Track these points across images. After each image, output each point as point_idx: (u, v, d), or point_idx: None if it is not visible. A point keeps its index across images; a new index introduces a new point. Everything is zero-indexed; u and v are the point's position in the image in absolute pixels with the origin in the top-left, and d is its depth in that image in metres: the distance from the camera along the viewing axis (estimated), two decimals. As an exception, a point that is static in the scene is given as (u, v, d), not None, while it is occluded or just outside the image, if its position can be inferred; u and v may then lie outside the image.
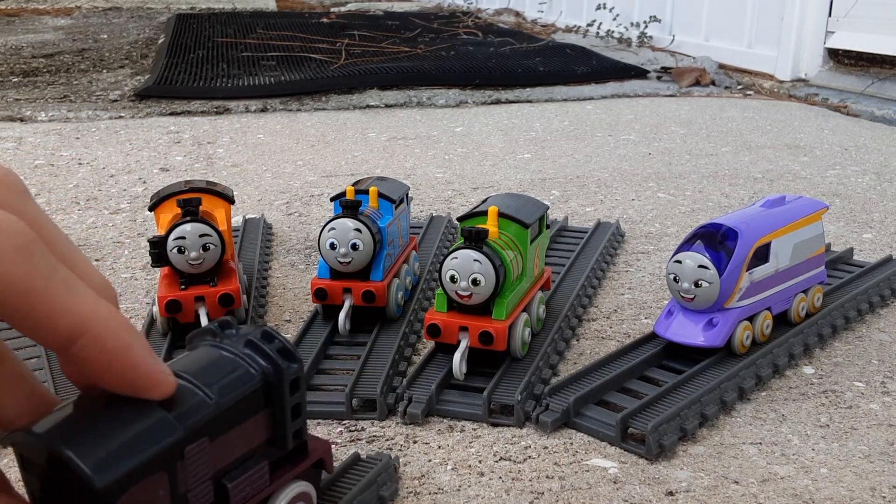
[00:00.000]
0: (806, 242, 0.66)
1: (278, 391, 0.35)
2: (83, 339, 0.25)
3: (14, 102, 1.74)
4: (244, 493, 0.35)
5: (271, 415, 0.35)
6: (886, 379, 0.62)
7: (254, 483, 0.35)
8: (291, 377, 0.35)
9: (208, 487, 0.33)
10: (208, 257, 0.64)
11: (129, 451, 0.29)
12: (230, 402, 0.33)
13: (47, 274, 0.24)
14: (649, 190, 1.12)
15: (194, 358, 0.34)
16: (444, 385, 0.59)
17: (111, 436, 0.28)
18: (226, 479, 0.34)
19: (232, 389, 0.33)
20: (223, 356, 0.34)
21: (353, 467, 0.47)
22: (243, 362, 0.34)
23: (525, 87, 1.92)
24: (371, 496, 0.46)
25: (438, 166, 1.25)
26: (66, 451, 0.27)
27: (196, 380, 0.32)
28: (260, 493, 0.36)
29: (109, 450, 0.28)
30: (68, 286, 0.25)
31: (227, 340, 0.35)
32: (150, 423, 0.30)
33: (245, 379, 0.34)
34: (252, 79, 1.92)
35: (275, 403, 0.35)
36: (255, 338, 0.35)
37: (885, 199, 1.09)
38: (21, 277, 0.24)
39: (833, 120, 1.62)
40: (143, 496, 0.29)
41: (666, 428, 0.53)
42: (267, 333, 0.35)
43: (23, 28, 3.13)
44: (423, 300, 0.74)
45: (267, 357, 0.35)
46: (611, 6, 2.65)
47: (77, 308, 0.25)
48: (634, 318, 0.73)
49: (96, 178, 1.18)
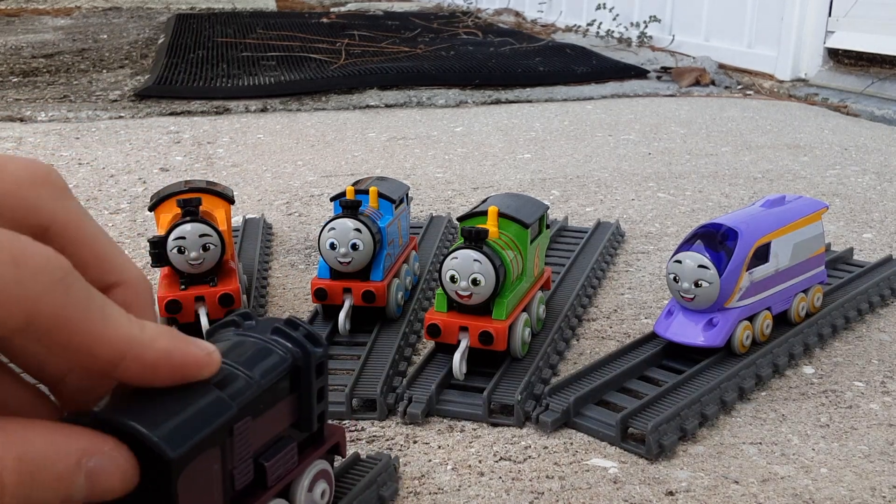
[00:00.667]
0: (806, 242, 0.66)
1: (306, 375, 0.37)
2: (124, 363, 0.26)
3: (14, 102, 1.74)
4: (278, 472, 0.36)
5: (298, 398, 0.37)
6: (886, 379, 0.62)
7: (286, 463, 0.37)
8: (318, 361, 0.37)
9: (249, 465, 0.34)
10: (208, 257, 0.64)
11: (192, 426, 0.30)
12: (268, 383, 0.34)
13: (85, 305, 0.25)
14: (649, 190, 1.12)
15: (229, 345, 0.35)
16: (444, 385, 0.59)
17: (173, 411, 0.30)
18: (262, 459, 0.35)
19: (268, 372, 0.35)
20: (255, 342, 0.36)
21: (352, 467, 0.47)
22: (274, 347, 0.36)
23: (525, 87, 1.92)
24: (371, 496, 0.46)
25: (438, 166, 1.25)
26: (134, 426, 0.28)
27: (235, 363, 0.34)
28: (290, 474, 0.38)
29: (175, 424, 0.29)
30: (104, 315, 0.26)
31: (250, 330, 0.37)
32: (208, 400, 0.31)
33: (278, 363, 0.36)
34: (252, 79, 1.92)
35: (301, 386, 0.37)
36: (282, 325, 0.37)
37: (885, 198, 1.09)
38: (60, 311, 0.24)
39: (833, 120, 1.63)
40: (202, 469, 0.30)
41: (666, 428, 0.53)
42: (291, 321, 0.37)
43: (23, 28, 3.13)
44: (423, 300, 0.74)
45: (295, 342, 0.36)
46: (611, 6, 2.65)
47: (115, 334, 0.26)
48: (634, 318, 0.73)
49: (96, 178, 1.18)
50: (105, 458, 0.26)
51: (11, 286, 0.23)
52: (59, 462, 0.24)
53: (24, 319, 0.23)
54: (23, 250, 0.24)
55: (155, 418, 0.29)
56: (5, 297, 0.23)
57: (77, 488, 0.25)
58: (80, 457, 0.25)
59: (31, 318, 0.23)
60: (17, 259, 0.23)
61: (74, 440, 0.25)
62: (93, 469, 0.25)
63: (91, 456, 0.25)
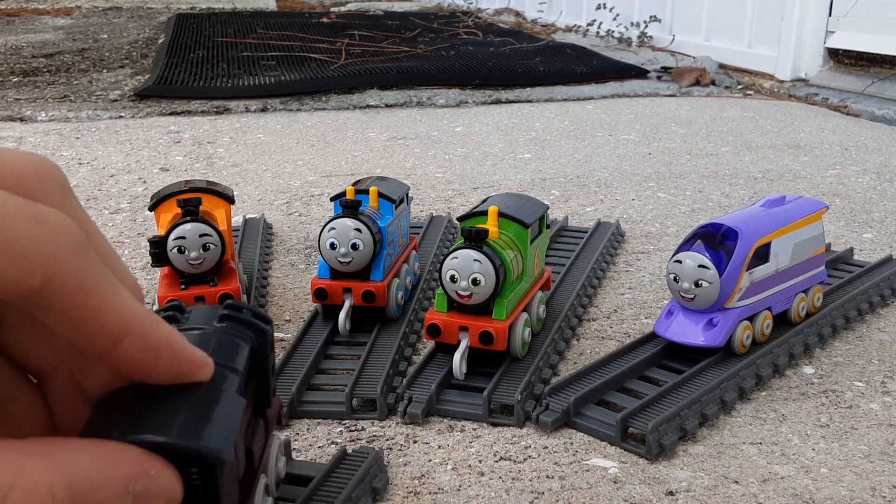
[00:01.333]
0: (806, 242, 0.66)
1: (262, 353, 0.37)
2: (129, 338, 0.25)
3: (14, 102, 1.74)
4: (258, 452, 0.37)
5: (258, 378, 0.37)
6: (886, 379, 0.62)
7: (261, 442, 0.38)
8: (270, 338, 0.37)
9: (243, 452, 0.35)
10: (208, 257, 0.64)
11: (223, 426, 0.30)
12: (244, 370, 0.34)
13: (99, 273, 0.25)
14: (649, 190, 1.12)
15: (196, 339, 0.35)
16: (444, 385, 0.59)
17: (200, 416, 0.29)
18: (248, 443, 0.36)
19: (244, 359, 0.35)
20: (217, 332, 0.35)
21: (341, 463, 0.48)
22: (232, 333, 0.36)
23: (525, 87, 1.92)
24: (365, 489, 0.46)
25: (438, 166, 1.25)
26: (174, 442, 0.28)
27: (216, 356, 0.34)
28: (264, 451, 0.38)
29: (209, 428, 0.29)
30: (114, 286, 0.25)
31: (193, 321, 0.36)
32: (219, 397, 0.31)
33: (240, 347, 0.35)
34: (252, 79, 1.92)
35: (259, 366, 0.37)
36: (227, 311, 0.37)
37: (886, 198, 1.09)
38: (76, 274, 0.24)
39: (833, 120, 1.62)
40: (230, 468, 0.31)
41: (666, 428, 0.53)
42: (232, 305, 0.37)
43: (23, 28, 3.13)
44: (423, 300, 0.74)
45: (247, 324, 0.36)
46: (611, 6, 2.65)
47: (123, 307, 0.25)
48: (634, 318, 0.73)
49: (96, 178, 1.18)
50: (151, 482, 0.25)
51: (34, 241, 0.23)
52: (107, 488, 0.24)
53: (43, 277, 0.23)
54: (41, 211, 0.23)
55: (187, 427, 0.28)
56: (28, 253, 0.22)
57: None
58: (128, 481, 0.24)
59: (50, 276, 0.23)
60: (38, 217, 0.23)
61: (123, 463, 0.25)
62: (140, 493, 0.25)
63: (138, 480, 0.25)
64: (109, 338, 0.25)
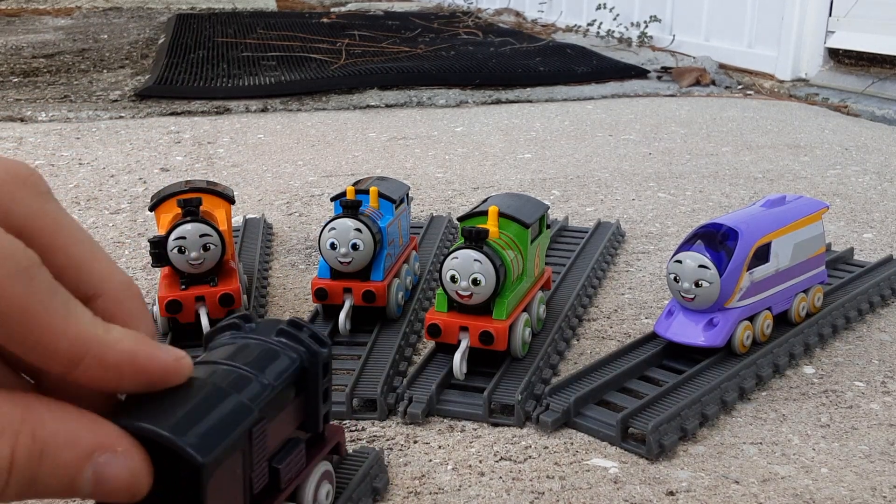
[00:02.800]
0: (806, 242, 0.66)
1: (313, 375, 0.37)
2: (86, 360, 0.25)
3: (14, 102, 1.74)
4: (290, 474, 0.36)
5: (305, 399, 0.37)
6: (887, 379, 0.62)
7: (296, 465, 0.37)
8: (324, 361, 0.37)
9: (265, 468, 0.34)
10: (209, 257, 0.64)
11: (219, 431, 0.30)
12: (280, 386, 0.35)
13: (47, 298, 0.24)
14: (649, 190, 1.12)
15: (237, 348, 0.35)
16: (444, 385, 0.59)
17: (199, 417, 0.29)
18: (275, 462, 0.35)
19: (280, 374, 0.35)
20: (262, 344, 0.36)
21: (341, 463, 0.48)
22: (281, 349, 0.36)
23: (525, 87, 1.92)
24: (365, 489, 0.47)
25: (438, 166, 1.25)
26: (162, 432, 0.28)
27: (247, 367, 0.34)
28: (300, 475, 0.38)
29: (203, 429, 0.29)
30: (67, 309, 0.25)
31: (253, 332, 0.36)
32: (230, 404, 0.31)
33: (287, 365, 0.36)
34: (252, 79, 1.92)
35: (308, 387, 0.37)
36: (286, 326, 0.37)
37: (886, 198, 1.09)
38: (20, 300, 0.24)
39: (833, 120, 1.62)
40: (227, 474, 0.31)
41: (666, 428, 0.53)
42: (295, 322, 0.37)
43: (23, 28, 3.13)
44: (424, 300, 0.74)
45: (301, 343, 0.37)
46: (611, 6, 2.65)
47: (76, 331, 0.25)
48: (635, 318, 0.73)
49: (96, 178, 1.18)
50: (117, 458, 0.25)
51: None
52: (70, 448, 0.24)
53: None
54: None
55: (182, 424, 0.29)
56: None
57: (83, 482, 0.24)
58: (93, 449, 0.24)
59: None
60: None
61: (92, 431, 0.25)
62: (102, 465, 0.25)
63: (104, 452, 0.25)
64: (65, 360, 0.25)
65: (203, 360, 0.34)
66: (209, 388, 0.31)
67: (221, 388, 0.31)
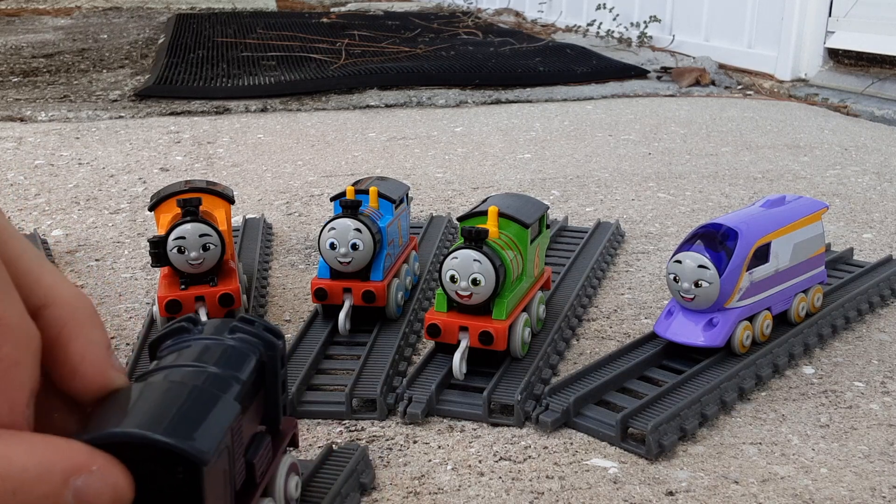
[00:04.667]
0: (806, 242, 0.66)
1: (272, 368, 0.37)
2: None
3: (14, 102, 1.74)
4: (262, 468, 0.36)
5: (266, 392, 0.37)
6: (886, 379, 0.62)
7: (266, 458, 0.37)
8: (281, 353, 0.37)
9: (243, 464, 0.34)
10: (208, 257, 0.64)
11: (211, 429, 0.30)
12: (249, 382, 0.35)
13: None
14: (649, 190, 1.12)
15: (199, 348, 0.35)
16: (444, 385, 0.59)
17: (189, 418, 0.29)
18: (249, 457, 0.35)
19: (247, 369, 0.35)
20: (221, 343, 0.36)
21: (328, 460, 0.48)
22: (241, 346, 0.36)
23: (525, 87, 1.92)
24: (353, 484, 0.47)
25: (438, 166, 1.25)
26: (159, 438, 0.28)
27: (214, 365, 0.34)
28: (269, 469, 0.38)
29: (197, 430, 0.29)
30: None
31: (201, 334, 0.36)
32: (215, 401, 0.31)
33: (249, 360, 0.36)
34: (252, 79, 1.92)
35: (268, 380, 0.37)
36: (238, 323, 0.37)
37: (885, 199, 1.09)
38: None
39: (833, 120, 1.62)
40: (218, 473, 0.31)
41: (666, 428, 0.53)
42: (245, 319, 0.37)
43: (23, 28, 3.13)
44: (423, 300, 0.74)
45: (257, 337, 0.36)
46: (611, 6, 2.65)
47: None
48: (634, 318, 0.73)
49: (96, 178, 1.18)
50: (94, 477, 0.25)
51: None
52: (43, 482, 0.23)
53: None
54: None
55: (176, 426, 0.28)
56: None
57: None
58: (68, 476, 0.24)
59: None
60: None
61: (62, 457, 0.24)
62: (80, 488, 0.24)
63: (79, 475, 0.24)
64: None
65: (166, 365, 0.34)
66: (190, 389, 0.31)
67: (201, 387, 0.31)
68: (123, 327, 0.71)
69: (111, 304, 0.76)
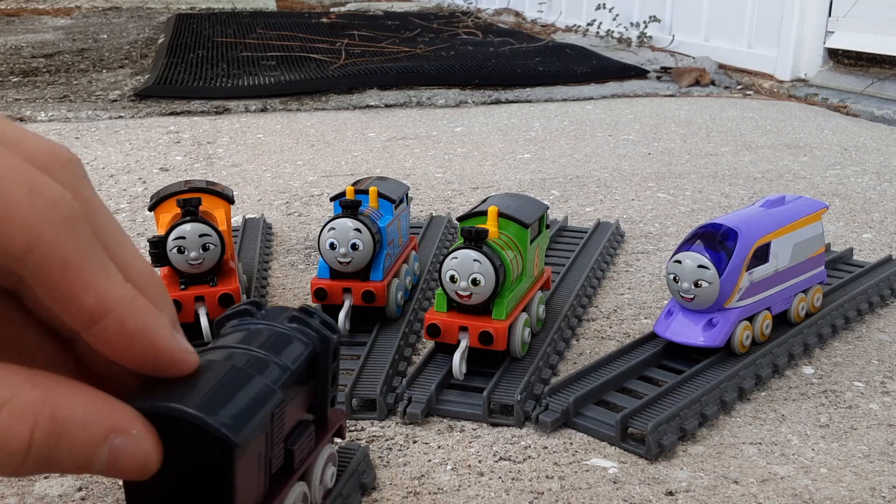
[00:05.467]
0: (806, 242, 0.66)
1: (324, 360, 0.37)
2: (106, 320, 0.26)
3: (14, 102, 1.74)
4: (302, 455, 0.37)
5: (315, 383, 0.38)
6: (886, 379, 0.62)
7: (307, 446, 0.38)
8: (334, 347, 0.38)
9: (282, 450, 0.35)
10: (208, 257, 0.64)
11: (248, 412, 0.30)
12: (296, 369, 0.35)
13: (86, 250, 0.25)
14: (649, 190, 1.12)
15: (250, 333, 0.36)
16: (443, 385, 0.59)
17: (228, 398, 0.30)
18: (288, 443, 0.36)
19: (295, 359, 0.35)
20: (275, 329, 0.36)
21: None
22: (295, 335, 0.36)
23: (525, 87, 1.92)
24: (353, 484, 0.47)
25: (438, 166, 1.25)
26: (195, 413, 0.28)
27: (264, 350, 0.34)
28: (310, 457, 0.38)
29: (234, 410, 0.29)
30: (102, 267, 0.26)
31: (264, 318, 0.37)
32: (256, 386, 0.31)
33: (301, 349, 0.36)
34: (252, 79, 1.92)
35: (319, 372, 0.38)
36: (297, 312, 0.38)
37: (885, 199, 1.09)
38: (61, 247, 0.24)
39: (833, 120, 1.63)
40: (252, 455, 0.31)
41: (666, 428, 0.53)
42: (306, 309, 0.38)
43: (23, 28, 3.13)
44: (423, 300, 0.74)
45: (312, 328, 0.37)
46: (611, 6, 2.65)
47: (105, 288, 0.25)
48: (634, 318, 0.73)
49: (96, 178, 1.18)
50: (131, 440, 0.26)
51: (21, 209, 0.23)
52: (87, 431, 0.25)
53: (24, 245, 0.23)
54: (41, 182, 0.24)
55: (212, 405, 0.29)
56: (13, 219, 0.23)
57: (98, 461, 0.25)
58: (109, 432, 0.25)
59: (32, 245, 0.24)
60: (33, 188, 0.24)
61: (108, 415, 0.26)
62: (116, 447, 0.25)
63: (119, 434, 0.25)
64: (87, 315, 0.25)
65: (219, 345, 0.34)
66: (232, 371, 0.31)
67: (244, 370, 0.32)
68: (123, 327, 0.71)
69: (111, 304, 0.76)
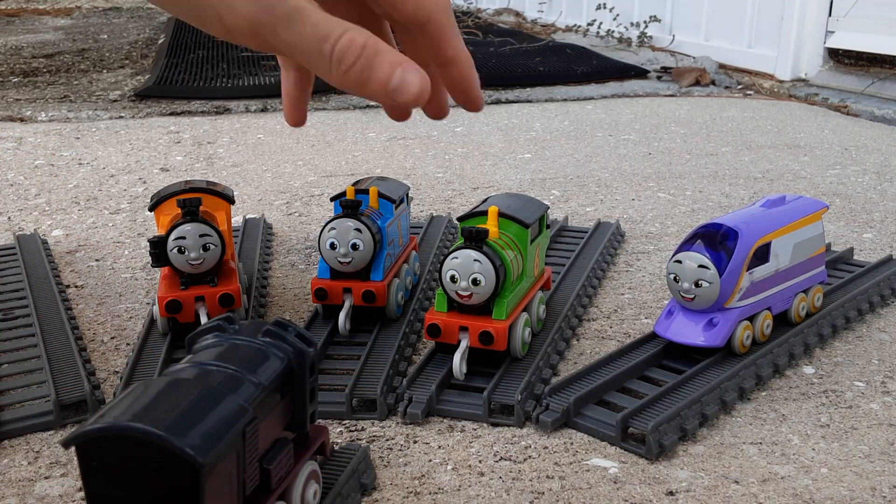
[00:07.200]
0: (806, 242, 0.66)
1: (300, 375, 0.37)
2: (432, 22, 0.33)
3: (14, 102, 1.74)
4: (279, 474, 0.36)
5: (292, 399, 0.37)
6: (886, 379, 0.62)
7: (285, 465, 0.37)
8: (310, 361, 0.37)
9: (256, 469, 0.34)
10: (208, 257, 0.64)
11: (217, 432, 0.30)
12: (270, 386, 0.35)
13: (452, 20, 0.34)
14: (649, 190, 1.12)
15: (225, 349, 0.35)
16: (444, 385, 0.59)
17: (197, 418, 0.30)
18: (265, 462, 0.35)
19: (269, 375, 0.35)
20: (251, 345, 0.36)
21: (329, 460, 0.48)
22: (269, 350, 0.36)
23: (525, 87, 1.92)
24: (354, 484, 0.47)
25: (438, 166, 1.25)
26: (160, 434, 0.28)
27: (237, 367, 0.34)
28: (289, 475, 0.38)
29: (199, 431, 0.29)
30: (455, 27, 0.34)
31: (236, 334, 0.36)
32: (227, 405, 0.31)
33: (276, 365, 0.36)
34: (252, 79, 1.92)
35: (296, 387, 0.37)
36: (272, 326, 0.37)
37: (886, 198, 1.09)
38: None
39: (833, 120, 1.62)
40: (223, 475, 0.31)
41: (666, 428, 0.53)
42: (280, 322, 0.37)
43: (23, 28, 3.13)
44: (423, 300, 0.74)
45: (287, 343, 0.37)
46: (611, 6, 2.65)
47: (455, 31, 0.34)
48: (634, 318, 0.73)
49: (96, 178, 1.18)
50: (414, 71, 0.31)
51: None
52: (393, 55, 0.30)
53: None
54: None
55: (179, 425, 0.29)
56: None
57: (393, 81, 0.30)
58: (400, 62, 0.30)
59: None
60: None
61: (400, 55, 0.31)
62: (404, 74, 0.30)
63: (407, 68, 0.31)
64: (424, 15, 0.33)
65: (191, 362, 0.34)
66: (202, 389, 0.31)
67: (214, 388, 0.31)
68: (123, 327, 0.71)
69: (111, 304, 0.76)
